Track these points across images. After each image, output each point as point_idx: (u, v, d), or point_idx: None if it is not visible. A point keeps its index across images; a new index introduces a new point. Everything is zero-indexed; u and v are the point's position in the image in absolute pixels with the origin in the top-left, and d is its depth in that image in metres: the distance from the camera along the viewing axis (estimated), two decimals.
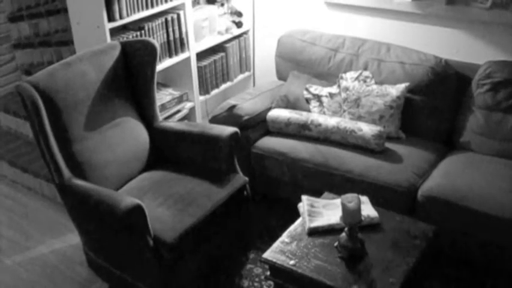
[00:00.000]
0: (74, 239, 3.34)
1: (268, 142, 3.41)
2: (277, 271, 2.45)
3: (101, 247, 2.91)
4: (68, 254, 3.31)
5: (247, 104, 3.57)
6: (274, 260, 2.42)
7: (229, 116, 3.47)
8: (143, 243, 2.56)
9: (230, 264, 3.14)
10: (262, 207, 3.52)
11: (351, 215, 2.33)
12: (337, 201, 2.53)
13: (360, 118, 3.34)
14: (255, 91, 3.81)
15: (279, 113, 3.45)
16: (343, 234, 2.39)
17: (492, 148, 3.17)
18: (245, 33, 4.23)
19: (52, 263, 3.25)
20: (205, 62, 3.96)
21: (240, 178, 3.04)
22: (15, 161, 3.98)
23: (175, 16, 3.65)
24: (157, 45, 3.08)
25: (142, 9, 3.43)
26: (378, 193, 2.97)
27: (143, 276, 2.74)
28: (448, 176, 2.97)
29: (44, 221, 3.62)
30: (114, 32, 3.33)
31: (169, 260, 2.63)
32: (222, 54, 4.08)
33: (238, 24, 4.13)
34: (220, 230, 2.98)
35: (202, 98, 4.00)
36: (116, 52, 3.08)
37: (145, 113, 3.20)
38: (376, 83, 3.45)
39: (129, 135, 3.07)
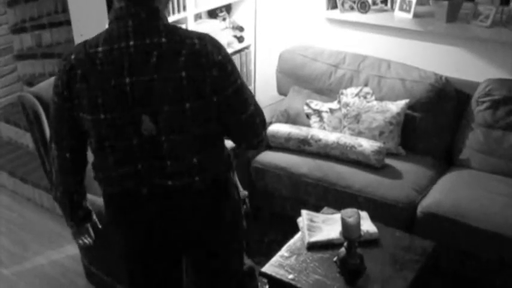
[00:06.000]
0: (72, 250, 3.34)
1: (268, 157, 3.42)
2: (276, 285, 2.44)
3: (99, 259, 2.90)
4: (66, 266, 3.30)
5: None
6: (273, 274, 2.42)
7: None
8: None
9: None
10: (261, 221, 3.52)
11: (350, 230, 2.33)
12: (337, 216, 2.54)
13: (359, 134, 3.35)
14: None
15: (279, 128, 3.46)
16: (342, 249, 2.39)
17: (491, 165, 3.18)
18: (246, 48, 4.25)
19: (50, 274, 3.24)
20: None
21: (240, 192, 3.03)
22: (15, 171, 3.99)
23: None
24: None
25: None
26: (377, 209, 2.97)
27: None
28: (448, 193, 2.98)
29: (43, 231, 3.62)
30: None
31: None
32: None
33: (240, 39, 4.15)
34: None
35: None
36: None
37: None
38: (376, 99, 3.47)
39: None
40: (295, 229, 2.72)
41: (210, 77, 1.74)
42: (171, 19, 3.58)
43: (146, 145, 1.80)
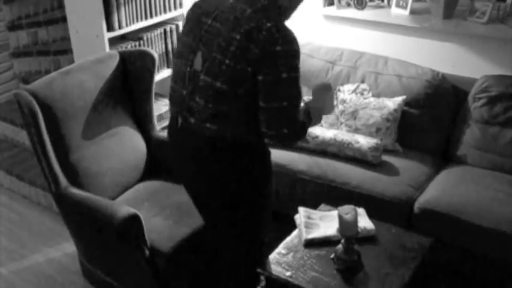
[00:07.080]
0: (69, 248, 3.33)
1: None
2: (273, 282, 2.44)
3: (97, 257, 2.90)
4: (63, 263, 3.30)
5: None
6: (271, 271, 2.42)
7: None
8: (139, 253, 2.55)
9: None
10: None
11: (347, 226, 2.34)
12: (334, 213, 2.54)
13: (356, 130, 3.35)
14: None
15: None
16: (340, 246, 2.39)
17: (488, 162, 3.18)
18: None
19: (47, 272, 3.24)
20: None
21: None
22: (11, 169, 3.97)
23: (173, 27, 3.67)
24: (155, 55, 3.09)
25: (141, 19, 3.45)
26: (375, 205, 2.97)
27: (139, 286, 2.74)
28: (445, 189, 2.98)
29: (40, 229, 3.61)
30: (112, 41, 3.34)
31: (165, 270, 2.62)
32: None
33: None
34: None
35: None
36: (115, 62, 3.08)
37: (142, 122, 3.20)
38: (373, 95, 3.47)
39: (127, 145, 3.07)
40: (292, 226, 2.72)
41: (254, 54, 2.03)
42: (167, 16, 3.58)
43: (192, 76, 2.16)
